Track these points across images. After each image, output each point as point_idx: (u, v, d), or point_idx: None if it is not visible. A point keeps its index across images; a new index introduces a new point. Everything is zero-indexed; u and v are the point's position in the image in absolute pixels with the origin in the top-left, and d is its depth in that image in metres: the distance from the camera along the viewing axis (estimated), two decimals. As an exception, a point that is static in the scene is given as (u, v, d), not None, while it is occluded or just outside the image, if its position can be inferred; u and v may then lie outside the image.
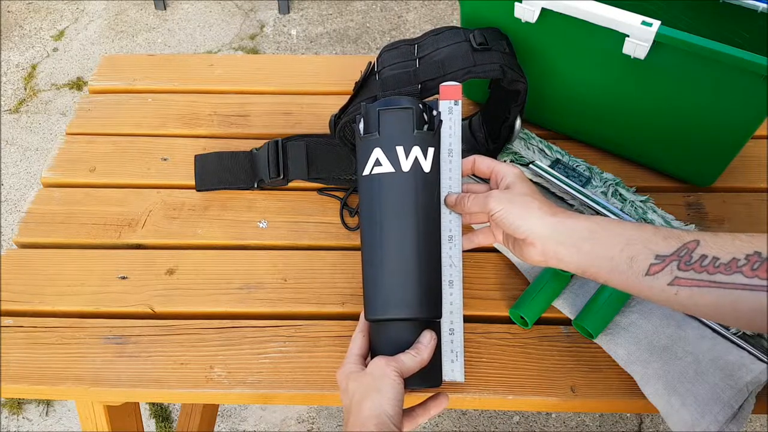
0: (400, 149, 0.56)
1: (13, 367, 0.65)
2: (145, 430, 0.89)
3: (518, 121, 0.74)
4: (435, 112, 0.59)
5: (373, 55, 0.75)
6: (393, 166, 0.56)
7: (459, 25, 0.74)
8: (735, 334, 0.61)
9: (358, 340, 0.58)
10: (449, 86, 0.60)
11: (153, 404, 1.38)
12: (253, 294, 0.70)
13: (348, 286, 0.71)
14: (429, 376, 0.56)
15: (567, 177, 0.75)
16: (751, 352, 0.60)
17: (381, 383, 0.52)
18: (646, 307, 0.64)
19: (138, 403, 0.88)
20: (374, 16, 2.20)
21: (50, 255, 0.74)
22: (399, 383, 0.52)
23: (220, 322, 0.68)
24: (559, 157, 0.78)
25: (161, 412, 1.37)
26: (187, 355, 0.66)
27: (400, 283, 0.56)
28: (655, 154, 0.78)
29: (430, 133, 0.57)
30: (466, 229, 0.68)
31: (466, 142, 0.81)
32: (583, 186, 0.75)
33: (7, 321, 0.68)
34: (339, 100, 0.76)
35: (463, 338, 0.58)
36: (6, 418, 1.37)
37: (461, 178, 0.59)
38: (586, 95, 0.76)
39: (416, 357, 0.54)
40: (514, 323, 0.67)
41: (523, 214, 0.53)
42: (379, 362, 0.53)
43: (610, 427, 1.34)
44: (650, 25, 0.63)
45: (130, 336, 0.67)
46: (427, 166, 0.57)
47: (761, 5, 0.70)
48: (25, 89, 2.01)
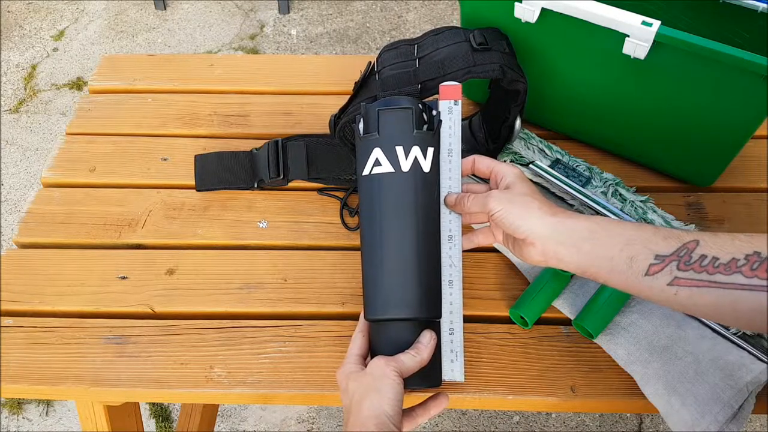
0: (400, 149, 0.56)
1: (13, 367, 0.65)
2: (145, 430, 0.89)
3: (518, 121, 0.74)
4: (435, 112, 0.59)
5: (373, 55, 0.75)
6: (393, 166, 0.56)
7: (459, 25, 0.74)
8: (735, 334, 0.61)
9: (358, 340, 0.58)
10: (449, 86, 0.60)
11: (153, 404, 1.38)
12: (253, 294, 0.70)
13: (348, 286, 0.71)
14: (429, 376, 0.56)
15: (567, 177, 0.75)
16: (751, 352, 0.60)
17: (381, 383, 0.52)
18: (646, 307, 0.64)
19: (138, 403, 0.88)
20: (374, 16, 2.20)
21: (50, 255, 0.74)
22: (399, 383, 0.52)
23: (220, 322, 0.68)
24: (559, 157, 0.78)
25: (161, 412, 1.37)
26: (187, 355, 0.66)
27: (400, 283, 0.56)
28: (655, 154, 0.78)
29: (430, 133, 0.57)
30: (466, 229, 0.67)
31: (466, 142, 0.81)
32: (583, 186, 0.75)
33: (7, 321, 0.69)
34: (339, 100, 0.76)
35: (463, 338, 0.58)
36: (6, 418, 1.37)
37: (461, 178, 0.59)
38: (586, 95, 0.76)
39: (416, 357, 0.54)
40: (514, 323, 0.67)
41: (523, 214, 0.53)
42: (379, 362, 0.53)
43: (610, 427, 1.34)
44: (650, 25, 0.64)
45: (130, 336, 0.67)
46: (426, 166, 0.57)
47: (761, 5, 0.70)
48: (25, 89, 2.01)
